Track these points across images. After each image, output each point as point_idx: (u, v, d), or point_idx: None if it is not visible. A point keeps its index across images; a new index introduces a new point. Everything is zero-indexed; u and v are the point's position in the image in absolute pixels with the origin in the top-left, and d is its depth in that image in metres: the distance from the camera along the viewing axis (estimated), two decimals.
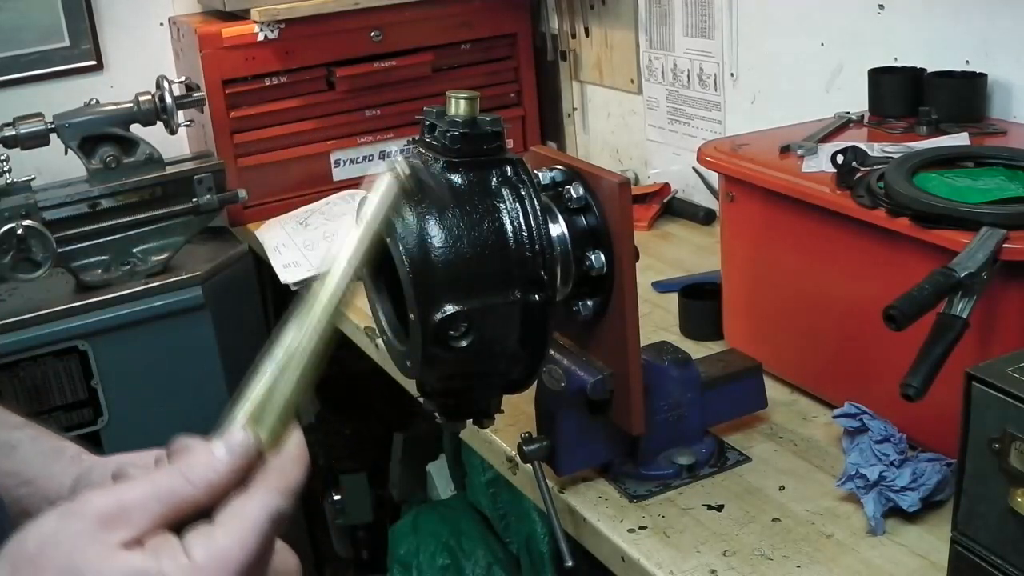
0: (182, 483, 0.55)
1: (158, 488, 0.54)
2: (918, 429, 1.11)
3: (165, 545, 0.53)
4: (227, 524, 0.54)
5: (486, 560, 1.67)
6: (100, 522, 0.53)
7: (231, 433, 0.57)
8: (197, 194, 1.98)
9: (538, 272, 0.92)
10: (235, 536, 0.54)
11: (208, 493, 0.55)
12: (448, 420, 1.04)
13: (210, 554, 0.53)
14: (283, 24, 2.10)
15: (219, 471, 0.55)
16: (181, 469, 0.55)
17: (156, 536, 0.54)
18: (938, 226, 1.07)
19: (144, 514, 0.54)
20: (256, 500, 0.56)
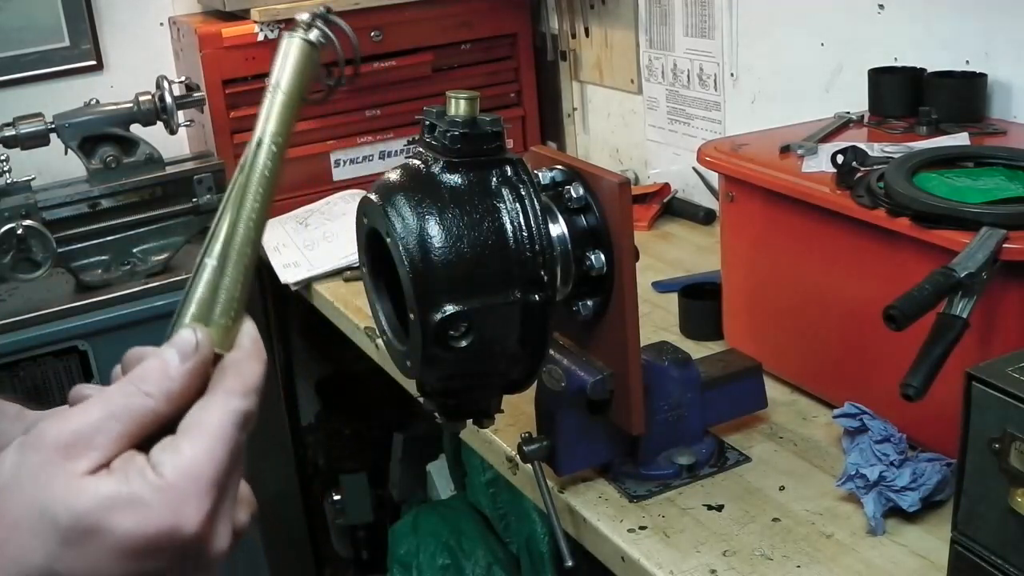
0: (138, 396, 0.52)
1: (113, 406, 0.52)
2: (918, 429, 1.11)
3: (132, 465, 0.51)
4: (191, 434, 0.52)
5: (486, 560, 1.67)
6: (61, 451, 0.50)
7: (179, 335, 0.54)
8: (197, 194, 1.98)
9: (538, 272, 0.92)
10: (201, 446, 0.52)
11: (168, 402, 0.53)
12: (448, 420, 1.04)
13: (179, 469, 0.51)
14: (283, 24, 2.10)
15: (174, 377, 0.53)
16: (134, 382, 0.53)
17: (123, 456, 0.51)
18: (938, 226, 1.07)
19: (105, 436, 0.51)
20: (217, 406, 0.53)
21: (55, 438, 0.51)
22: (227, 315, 0.56)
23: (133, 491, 0.50)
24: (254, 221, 0.58)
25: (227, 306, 0.56)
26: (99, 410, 0.52)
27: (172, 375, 0.53)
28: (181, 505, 0.50)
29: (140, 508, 0.50)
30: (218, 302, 0.56)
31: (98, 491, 0.50)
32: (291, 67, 0.62)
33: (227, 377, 0.54)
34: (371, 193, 0.95)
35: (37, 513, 0.49)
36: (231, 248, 0.57)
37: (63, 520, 0.49)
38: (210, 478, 0.51)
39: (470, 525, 1.74)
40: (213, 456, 0.52)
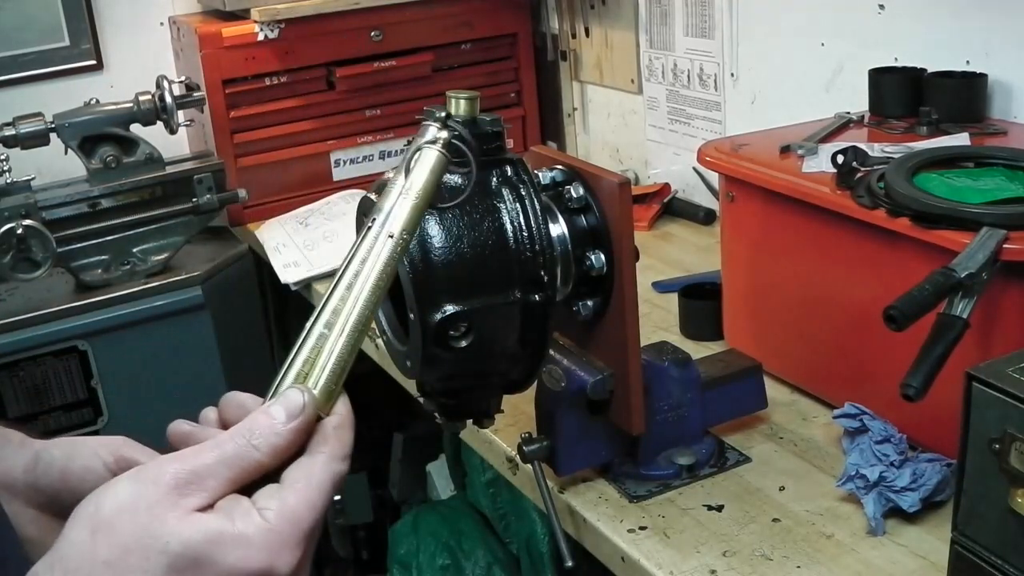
0: (248, 449, 0.57)
1: (226, 454, 0.57)
2: (918, 429, 1.11)
3: (238, 507, 0.56)
4: (296, 486, 0.57)
5: (486, 560, 1.67)
6: (175, 487, 0.55)
7: (288, 396, 0.59)
8: (197, 194, 1.98)
9: (538, 272, 0.92)
10: (304, 497, 0.57)
11: (272, 456, 0.58)
12: (448, 420, 1.04)
13: (282, 515, 0.56)
14: (283, 24, 2.10)
15: (281, 434, 0.58)
16: (245, 435, 0.58)
17: (228, 499, 0.56)
18: (938, 226, 1.07)
19: (215, 480, 0.56)
20: (321, 464, 0.58)
21: (171, 474, 0.56)
22: (331, 379, 0.61)
23: (238, 529, 0.55)
24: (371, 303, 0.63)
25: (334, 373, 0.61)
26: (213, 456, 0.57)
27: (279, 432, 0.58)
28: (281, 548, 0.56)
29: (243, 546, 0.55)
30: (326, 367, 0.61)
31: (208, 526, 0.55)
32: (427, 174, 0.68)
33: (332, 441, 0.60)
34: (371, 193, 0.95)
35: (149, 540, 0.54)
36: (346, 320, 0.62)
37: (173, 548, 0.54)
38: (307, 528, 0.57)
39: (470, 525, 1.74)
40: (313, 508, 0.57)
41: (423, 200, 0.67)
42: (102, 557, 0.54)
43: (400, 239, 0.65)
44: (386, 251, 0.64)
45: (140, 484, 0.56)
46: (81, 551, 0.54)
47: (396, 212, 0.66)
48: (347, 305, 0.62)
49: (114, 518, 0.55)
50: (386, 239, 0.65)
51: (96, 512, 0.55)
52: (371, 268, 0.64)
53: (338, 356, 0.61)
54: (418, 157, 0.69)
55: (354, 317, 0.62)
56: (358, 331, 0.62)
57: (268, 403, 0.59)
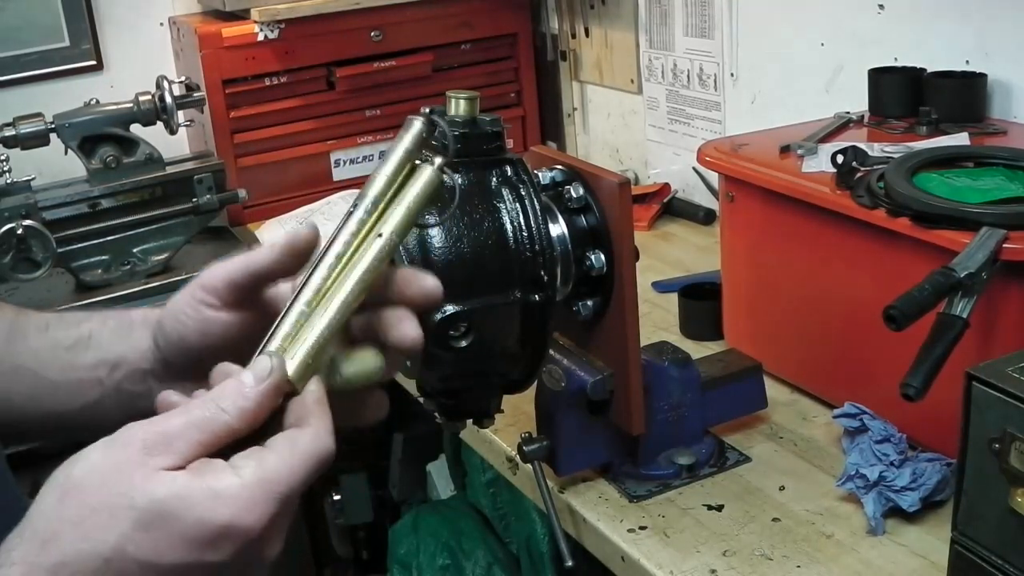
0: (216, 411, 0.58)
1: (194, 417, 0.57)
2: (918, 429, 1.11)
3: (209, 466, 0.56)
4: (279, 448, 0.58)
5: (486, 560, 1.67)
6: (143, 449, 0.56)
7: (256, 362, 0.60)
8: (197, 194, 1.98)
9: (538, 272, 0.91)
10: (285, 460, 0.57)
11: (241, 419, 0.58)
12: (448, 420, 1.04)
13: (258, 474, 0.56)
14: (283, 24, 2.10)
15: (248, 397, 0.58)
16: (213, 398, 0.58)
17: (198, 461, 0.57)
18: (938, 226, 1.07)
19: (184, 442, 0.57)
20: (308, 435, 0.59)
21: (140, 438, 0.56)
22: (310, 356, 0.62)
23: (207, 484, 0.55)
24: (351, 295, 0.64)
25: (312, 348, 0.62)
26: (181, 419, 0.58)
27: (246, 394, 0.59)
28: (249, 504, 0.56)
29: (210, 499, 0.55)
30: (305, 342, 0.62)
31: (174, 482, 0.55)
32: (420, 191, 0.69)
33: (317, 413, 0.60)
34: None
35: (116, 498, 0.55)
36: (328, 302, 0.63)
37: (139, 504, 0.55)
38: (283, 490, 0.57)
39: (470, 525, 1.74)
40: (292, 473, 0.57)
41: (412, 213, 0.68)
42: (69, 517, 0.55)
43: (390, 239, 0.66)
44: (376, 248, 0.65)
45: (109, 448, 0.57)
46: (49, 515, 0.55)
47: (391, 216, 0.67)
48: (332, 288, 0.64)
49: (82, 479, 0.56)
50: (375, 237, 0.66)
51: (66, 478, 0.56)
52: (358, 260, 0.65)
53: (318, 334, 0.62)
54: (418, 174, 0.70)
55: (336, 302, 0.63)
56: (340, 314, 0.63)
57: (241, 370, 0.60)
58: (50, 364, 0.77)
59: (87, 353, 0.77)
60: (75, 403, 0.76)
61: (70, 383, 0.76)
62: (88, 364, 0.76)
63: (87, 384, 0.76)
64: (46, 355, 0.77)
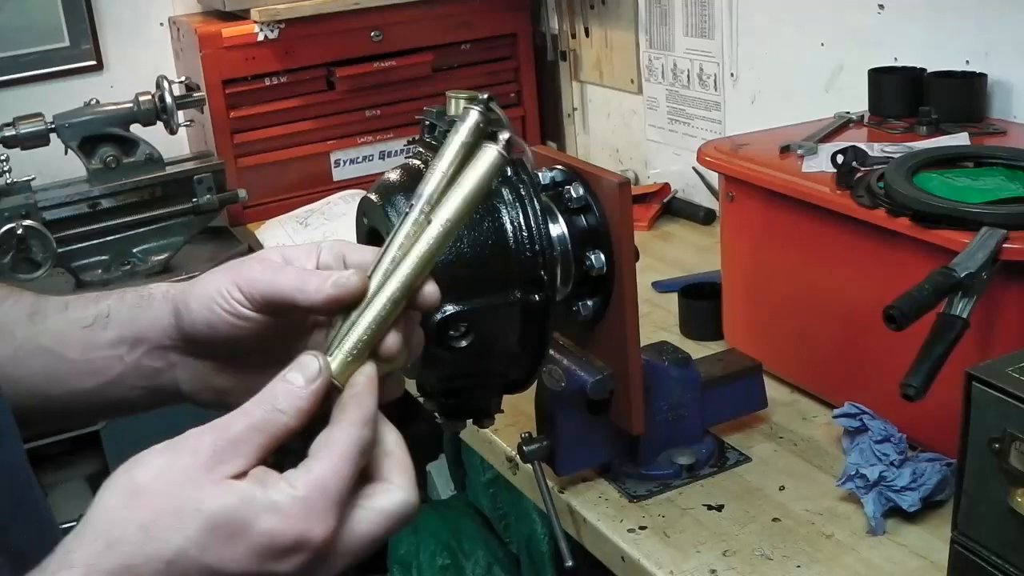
0: (275, 413, 0.59)
1: (255, 420, 0.58)
2: (918, 429, 1.11)
3: (268, 477, 0.57)
4: (319, 456, 0.59)
5: (486, 560, 1.67)
6: (211, 455, 0.57)
7: (302, 362, 0.61)
8: (197, 194, 1.99)
9: (538, 272, 0.91)
10: (328, 464, 0.58)
11: (297, 418, 0.59)
12: (448, 420, 1.04)
13: (309, 483, 0.57)
14: (283, 24, 2.10)
15: (303, 396, 0.60)
16: (270, 401, 0.59)
17: (259, 469, 0.58)
18: (938, 226, 1.07)
19: (248, 446, 0.58)
20: (340, 431, 0.60)
21: (206, 445, 0.57)
22: (353, 353, 0.63)
23: (269, 496, 0.56)
24: (403, 285, 0.64)
25: (355, 345, 0.63)
26: (244, 423, 0.58)
27: (301, 395, 0.60)
28: (311, 515, 0.57)
29: (276, 512, 0.56)
30: (345, 341, 0.63)
31: (244, 492, 0.56)
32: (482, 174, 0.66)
33: (349, 409, 0.61)
34: (371, 193, 0.95)
35: (185, 502, 0.55)
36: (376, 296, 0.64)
37: (209, 509, 0.55)
38: (335, 496, 0.58)
39: (470, 525, 1.74)
40: (338, 476, 0.58)
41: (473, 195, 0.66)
42: (136, 520, 0.55)
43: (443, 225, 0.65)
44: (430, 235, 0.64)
45: (177, 454, 0.57)
46: (114, 516, 0.55)
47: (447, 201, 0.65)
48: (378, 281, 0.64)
49: (150, 483, 0.56)
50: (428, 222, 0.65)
51: (130, 479, 0.56)
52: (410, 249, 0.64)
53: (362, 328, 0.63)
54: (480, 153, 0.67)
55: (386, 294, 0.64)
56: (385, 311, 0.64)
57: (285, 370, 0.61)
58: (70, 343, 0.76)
59: (106, 331, 0.76)
60: (94, 382, 0.76)
61: (90, 362, 0.76)
62: (107, 341, 0.76)
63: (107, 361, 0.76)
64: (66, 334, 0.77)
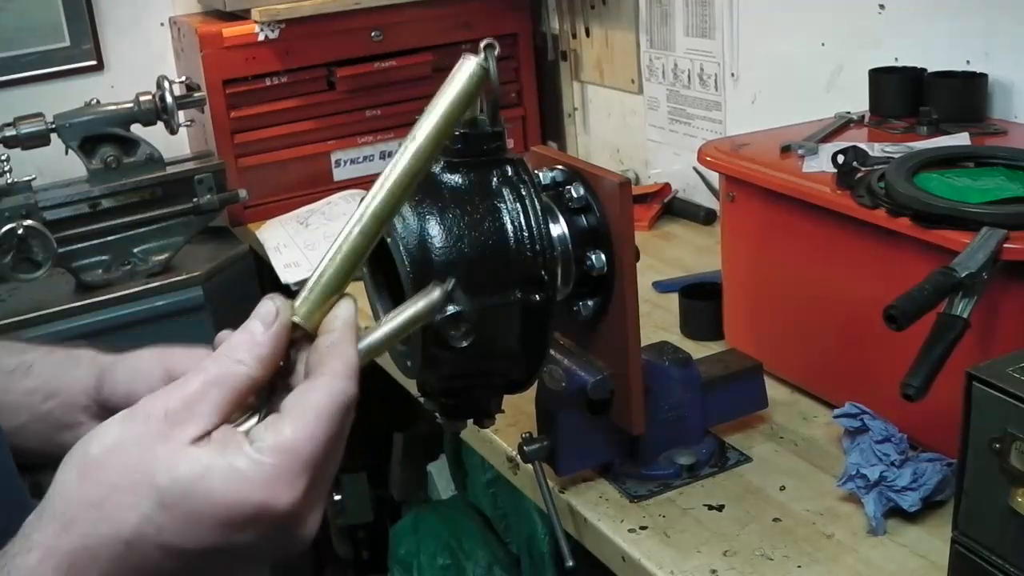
0: (232, 364, 0.55)
1: (210, 375, 0.54)
2: (919, 429, 1.11)
3: (232, 439, 0.53)
4: (293, 415, 0.54)
5: (486, 560, 1.67)
6: (166, 419, 0.53)
7: (260, 306, 0.57)
8: (197, 194, 1.99)
9: (538, 272, 0.92)
10: (301, 425, 0.53)
11: (260, 366, 0.55)
12: (448, 420, 1.04)
13: (277, 446, 0.53)
14: (283, 24, 2.10)
15: (261, 343, 0.55)
16: (226, 352, 0.56)
17: (222, 430, 0.54)
18: (938, 226, 1.07)
19: (207, 404, 0.54)
20: (320, 388, 0.55)
21: (160, 408, 0.53)
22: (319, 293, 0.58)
23: (229, 462, 0.52)
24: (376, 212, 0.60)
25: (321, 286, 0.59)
26: (198, 381, 0.54)
27: (259, 341, 0.55)
28: (275, 481, 0.52)
29: (234, 479, 0.52)
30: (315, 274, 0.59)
31: (199, 459, 0.52)
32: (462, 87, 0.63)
33: (331, 359, 0.56)
34: None
35: (138, 476, 0.52)
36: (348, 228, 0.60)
37: (162, 483, 0.51)
38: (306, 460, 0.53)
39: (470, 525, 1.74)
40: (313, 437, 0.53)
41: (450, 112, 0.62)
42: (88, 497, 0.52)
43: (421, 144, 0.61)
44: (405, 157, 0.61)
45: (130, 422, 0.54)
46: (67, 494, 0.53)
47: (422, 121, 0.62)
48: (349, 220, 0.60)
49: (103, 457, 0.53)
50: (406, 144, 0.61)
51: (84, 454, 0.53)
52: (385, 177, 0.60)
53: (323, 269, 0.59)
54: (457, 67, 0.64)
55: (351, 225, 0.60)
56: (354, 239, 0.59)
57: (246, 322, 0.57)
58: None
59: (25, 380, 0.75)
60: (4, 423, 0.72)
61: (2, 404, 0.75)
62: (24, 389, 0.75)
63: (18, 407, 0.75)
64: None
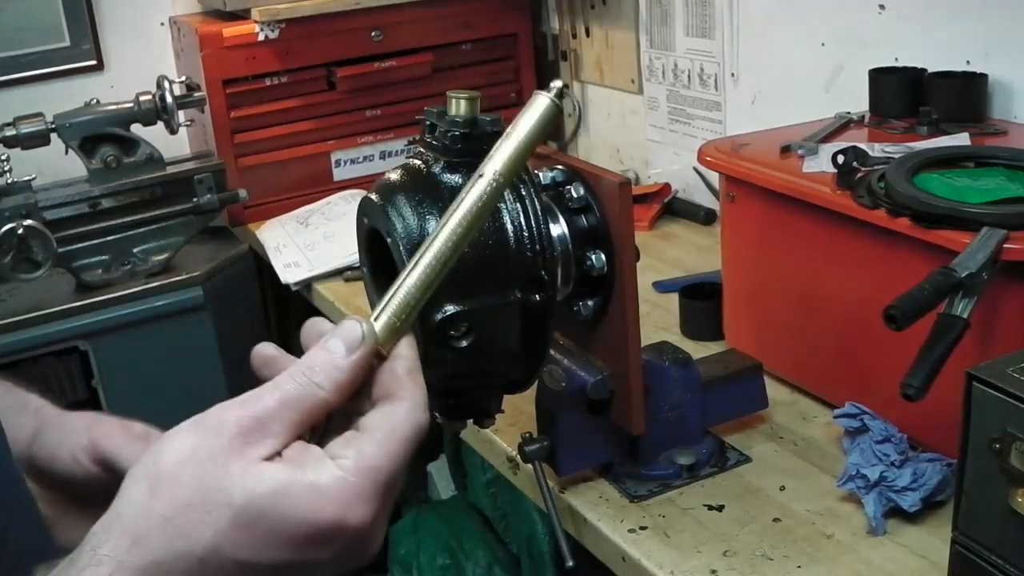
0: (311, 387, 0.54)
1: (289, 395, 0.54)
2: (918, 429, 1.11)
3: (309, 455, 0.53)
4: (377, 435, 0.54)
5: (486, 560, 1.67)
6: (238, 435, 0.52)
7: (345, 328, 0.56)
8: (197, 194, 1.99)
9: (538, 272, 0.91)
10: (386, 447, 0.53)
11: (336, 393, 0.54)
12: (448, 420, 1.04)
13: (360, 464, 0.52)
14: (283, 24, 2.10)
15: (342, 368, 0.55)
16: (306, 373, 0.54)
17: (295, 447, 0.53)
18: (938, 226, 1.07)
19: (280, 424, 0.53)
20: (405, 412, 0.55)
21: (235, 423, 0.52)
22: (399, 315, 0.58)
23: (309, 479, 0.51)
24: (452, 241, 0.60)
25: (402, 307, 0.58)
26: (275, 399, 0.53)
27: (340, 366, 0.55)
28: (355, 500, 0.52)
29: (314, 496, 0.51)
30: (392, 301, 0.58)
31: (275, 476, 0.51)
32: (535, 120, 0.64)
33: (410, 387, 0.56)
34: (372, 193, 0.95)
35: (212, 493, 0.51)
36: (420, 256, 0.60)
37: (237, 500, 0.51)
38: (386, 480, 0.53)
39: (470, 525, 1.74)
40: (393, 460, 0.54)
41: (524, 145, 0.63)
42: (161, 512, 0.51)
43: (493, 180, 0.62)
44: (475, 191, 0.61)
45: (202, 434, 0.53)
46: (139, 508, 0.51)
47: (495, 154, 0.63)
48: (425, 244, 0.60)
49: (175, 470, 0.52)
50: (477, 178, 0.62)
51: (155, 465, 0.52)
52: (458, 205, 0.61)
53: (405, 290, 0.58)
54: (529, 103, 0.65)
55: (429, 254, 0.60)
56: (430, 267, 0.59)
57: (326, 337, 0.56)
58: None
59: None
60: None
61: None
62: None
63: None
64: None
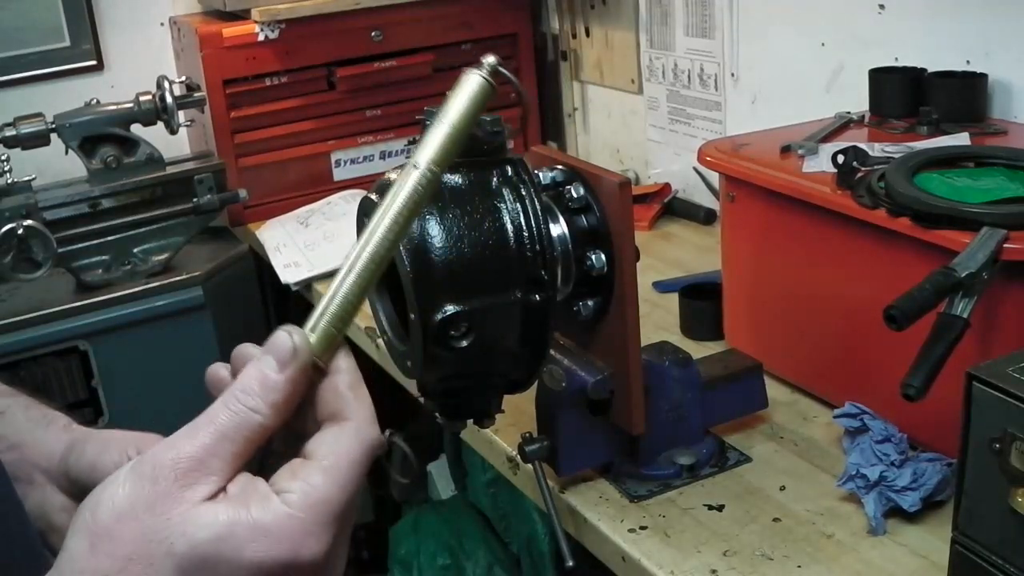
0: (245, 414, 0.51)
1: (223, 427, 0.51)
2: (919, 429, 1.11)
3: (254, 492, 0.50)
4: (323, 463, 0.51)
5: (487, 560, 1.67)
6: (176, 481, 0.49)
7: (275, 342, 0.53)
8: (197, 194, 1.98)
9: (539, 272, 0.92)
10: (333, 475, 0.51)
11: (275, 416, 0.52)
12: (448, 420, 1.04)
13: (308, 499, 0.50)
14: (283, 24, 2.10)
15: (276, 388, 0.52)
16: (239, 399, 0.51)
17: (238, 482, 0.51)
18: (938, 226, 1.07)
19: (219, 459, 0.50)
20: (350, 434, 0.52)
21: (171, 467, 0.50)
22: (334, 324, 0.55)
23: (254, 518, 0.49)
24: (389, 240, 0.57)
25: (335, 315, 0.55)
26: (210, 434, 0.51)
27: (274, 385, 0.52)
28: (305, 536, 0.49)
29: (261, 536, 0.49)
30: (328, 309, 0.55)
31: (217, 519, 0.49)
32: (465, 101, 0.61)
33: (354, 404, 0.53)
34: (372, 193, 0.95)
35: (153, 545, 0.49)
36: (355, 259, 0.56)
37: (179, 549, 0.49)
38: (337, 511, 0.51)
39: (471, 525, 1.74)
40: (344, 489, 0.51)
41: (457, 130, 0.59)
42: (104, 570, 0.49)
43: (427, 171, 0.58)
44: (408, 184, 0.57)
45: (139, 483, 0.50)
46: (81, 565, 0.49)
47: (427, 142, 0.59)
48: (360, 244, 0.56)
49: (113, 525, 0.49)
50: (411, 169, 0.58)
51: (93, 519, 0.50)
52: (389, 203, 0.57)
53: (341, 297, 0.55)
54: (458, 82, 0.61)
55: (364, 255, 0.56)
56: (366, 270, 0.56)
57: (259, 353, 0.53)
58: None
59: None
60: None
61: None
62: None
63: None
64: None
